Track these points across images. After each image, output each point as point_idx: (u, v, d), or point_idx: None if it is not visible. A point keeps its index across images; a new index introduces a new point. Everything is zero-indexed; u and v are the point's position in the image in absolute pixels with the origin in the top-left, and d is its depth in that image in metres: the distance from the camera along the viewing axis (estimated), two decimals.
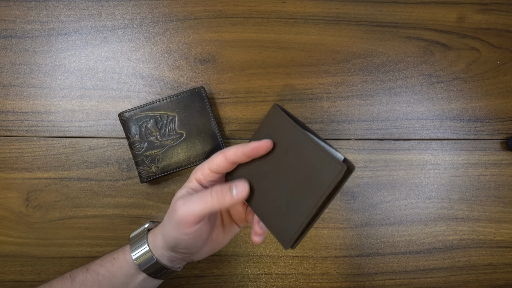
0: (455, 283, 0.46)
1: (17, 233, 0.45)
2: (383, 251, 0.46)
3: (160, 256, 0.35)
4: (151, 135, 0.44)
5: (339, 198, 0.46)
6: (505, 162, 0.47)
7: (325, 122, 0.47)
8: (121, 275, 0.35)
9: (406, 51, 0.47)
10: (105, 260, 0.36)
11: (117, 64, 0.46)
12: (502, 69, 0.48)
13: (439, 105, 0.47)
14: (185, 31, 0.47)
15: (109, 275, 0.35)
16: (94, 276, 0.35)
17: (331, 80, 0.47)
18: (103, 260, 0.37)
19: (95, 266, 0.36)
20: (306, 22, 0.47)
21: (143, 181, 0.44)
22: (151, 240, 0.36)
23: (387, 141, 0.47)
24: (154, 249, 0.35)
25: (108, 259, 0.36)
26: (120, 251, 0.37)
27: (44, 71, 0.46)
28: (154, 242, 0.36)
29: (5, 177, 0.45)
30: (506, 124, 0.47)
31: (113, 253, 0.37)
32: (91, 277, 0.35)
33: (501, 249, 0.47)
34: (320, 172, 0.29)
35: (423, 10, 0.48)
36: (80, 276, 0.35)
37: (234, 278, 0.45)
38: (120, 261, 0.36)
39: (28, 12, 0.46)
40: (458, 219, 0.47)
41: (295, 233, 0.30)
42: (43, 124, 0.46)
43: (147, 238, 0.36)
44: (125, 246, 0.37)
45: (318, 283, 0.46)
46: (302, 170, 0.30)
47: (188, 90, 0.44)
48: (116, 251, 0.37)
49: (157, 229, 0.37)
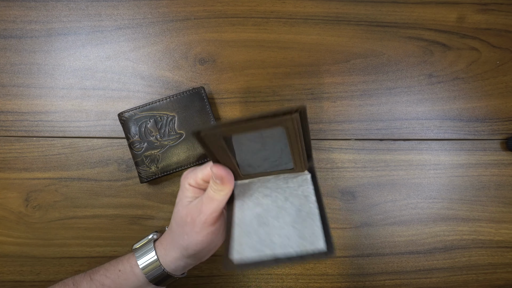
0: (455, 283, 0.46)
1: (17, 233, 0.45)
2: (383, 251, 0.46)
3: (174, 269, 0.35)
4: (151, 135, 0.43)
5: (339, 198, 0.46)
6: (505, 162, 0.47)
7: (325, 122, 0.47)
8: (128, 287, 0.35)
9: (406, 51, 0.47)
10: (109, 271, 0.36)
11: (117, 64, 0.46)
12: (502, 69, 0.48)
13: (439, 105, 0.47)
14: (185, 31, 0.47)
15: (114, 286, 0.35)
16: (99, 287, 0.35)
17: (331, 80, 0.47)
18: (107, 271, 0.36)
19: (99, 277, 0.35)
20: (306, 22, 0.47)
21: (143, 181, 0.44)
22: (161, 254, 0.35)
23: (387, 141, 0.47)
24: (165, 262, 0.35)
25: (112, 271, 0.36)
26: (126, 262, 0.36)
27: (44, 71, 0.46)
28: (165, 256, 0.35)
29: (5, 177, 0.45)
30: (506, 124, 0.47)
31: (118, 264, 0.36)
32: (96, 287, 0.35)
33: (501, 249, 0.47)
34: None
35: (423, 10, 0.48)
36: (84, 285, 0.35)
37: (234, 278, 0.45)
38: (126, 273, 0.35)
39: (28, 12, 0.46)
40: (458, 219, 0.47)
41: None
42: (43, 124, 0.46)
43: (156, 249, 0.36)
44: (129, 257, 0.36)
45: (318, 283, 0.46)
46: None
47: (188, 90, 0.44)
48: (121, 262, 0.36)
49: (166, 242, 0.36)
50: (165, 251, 0.35)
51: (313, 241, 0.25)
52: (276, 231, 0.27)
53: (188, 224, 0.32)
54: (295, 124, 0.24)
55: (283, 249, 0.25)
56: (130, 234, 0.45)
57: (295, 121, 0.24)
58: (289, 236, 0.26)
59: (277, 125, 0.24)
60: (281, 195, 0.30)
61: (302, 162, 0.29)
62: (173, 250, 0.35)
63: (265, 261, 0.25)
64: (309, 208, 0.28)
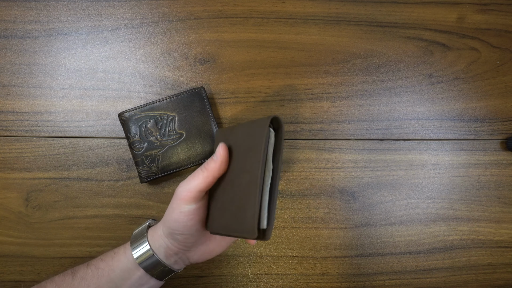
0: (455, 283, 0.46)
1: (17, 233, 0.45)
2: (383, 251, 0.46)
3: (158, 248, 0.36)
4: (151, 135, 0.43)
5: (339, 198, 0.46)
6: (505, 162, 0.47)
7: (325, 122, 0.47)
8: (119, 269, 0.36)
9: (406, 51, 0.47)
10: (106, 255, 0.37)
11: (117, 64, 0.46)
12: (502, 69, 0.48)
13: (439, 105, 0.47)
14: (185, 31, 0.47)
15: (108, 269, 0.36)
16: (94, 270, 0.36)
17: (331, 80, 0.47)
18: (104, 255, 0.37)
19: (95, 261, 0.37)
20: (306, 22, 0.47)
21: (143, 181, 0.44)
22: (150, 233, 0.37)
23: (387, 141, 0.47)
24: (153, 241, 0.36)
25: (109, 254, 0.37)
26: (121, 247, 0.38)
27: (44, 71, 0.46)
28: (153, 234, 0.37)
29: (5, 177, 0.45)
30: (506, 124, 0.47)
31: (115, 248, 0.38)
32: (91, 271, 0.36)
33: (501, 249, 0.47)
34: (243, 214, 0.30)
35: (423, 10, 0.48)
36: (81, 271, 0.36)
37: (234, 278, 0.45)
38: (119, 255, 0.36)
39: (28, 12, 0.46)
40: (458, 219, 0.47)
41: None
42: (43, 124, 0.46)
43: (147, 233, 0.37)
44: (127, 243, 0.38)
45: (318, 283, 0.46)
46: (241, 193, 0.31)
47: (188, 90, 0.44)
48: (118, 247, 0.38)
49: (158, 223, 0.38)
50: (154, 230, 0.37)
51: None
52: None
53: (170, 202, 0.35)
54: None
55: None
56: (130, 234, 0.45)
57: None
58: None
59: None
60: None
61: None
62: (159, 227, 0.37)
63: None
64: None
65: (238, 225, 0.30)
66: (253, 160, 0.30)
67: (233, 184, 0.32)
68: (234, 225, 0.31)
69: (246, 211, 0.30)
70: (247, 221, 0.29)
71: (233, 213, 0.31)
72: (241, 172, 0.32)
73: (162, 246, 0.36)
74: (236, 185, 0.32)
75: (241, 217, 0.30)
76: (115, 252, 0.37)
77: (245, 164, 0.32)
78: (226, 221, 0.32)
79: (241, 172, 0.32)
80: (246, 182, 0.30)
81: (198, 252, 0.38)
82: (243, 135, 0.34)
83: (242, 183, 0.31)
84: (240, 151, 0.33)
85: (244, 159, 0.32)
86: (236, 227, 0.31)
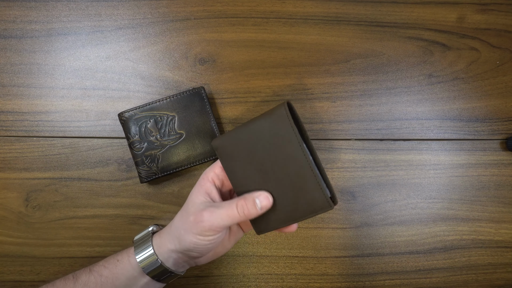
0: (455, 283, 0.46)
1: (17, 233, 0.45)
2: (383, 251, 0.46)
3: (166, 259, 0.35)
4: (151, 135, 0.43)
5: (339, 198, 0.46)
6: (505, 162, 0.47)
7: (325, 122, 0.47)
8: (124, 277, 0.35)
9: (406, 51, 0.47)
10: (108, 262, 0.36)
11: (117, 64, 0.46)
12: (502, 69, 0.48)
13: (439, 105, 0.47)
14: (185, 31, 0.47)
15: (112, 277, 0.35)
16: (97, 278, 0.35)
17: (331, 80, 0.47)
18: (106, 262, 0.36)
19: (98, 268, 0.36)
20: (306, 22, 0.47)
21: (143, 181, 0.44)
22: (157, 242, 0.36)
23: (387, 141, 0.47)
24: (159, 252, 0.35)
25: (111, 261, 0.36)
26: (124, 253, 0.37)
27: (44, 71, 0.46)
28: (160, 245, 0.36)
29: (5, 177, 0.45)
30: (506, 124, 0.47)
31: (117, 255, 0.37)
32: (94, 278, 0.35)
33: (501, 249, 0.47)
34: (310, 196, 0.33)
35: (423, 10, 0.48)
36: (83, 277, 0.35)
37: (234, 278, 0.45)
38: (123, 263, 0.36)
39: (28, 12, 0.46)
40: (458, 219, 0.47)
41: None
42: (43, 124, 0.46)
43: (152, 241, 0.36)
44: (129, 248, 0.37)
45: (318, 283, 0.46)
46: (293, 183, 0.33)
47: (188, 90, 0.44)
48: (120, 253, 0.37)
49: (164, 232, 0.37)
50: (160, 240, 0.36)
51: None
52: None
53: (189, 222, 0.33)
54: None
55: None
56: (130, 234, 0.45)
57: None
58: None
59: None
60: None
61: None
62: (168, 240, 0.36)
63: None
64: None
65: (309, 206, 0.33)
66: (291, 149, 0.33)
67: (277, 179, 0.34)
68: (303, 209, 0.33)
69: (313, 192, 0.33)
70: (317, 198, 0.33)
71: (295, 201, 0.33)
72: (280, 167, 0.33)
73: (172, 257, 0.35)
74: (281, 179, 0.33)
75: (309, 198, 0.33)
76: (118, 260, 0.36)
77: (278, 157, 0.33)
78: (289, 212, 0.34)
79: (281, 166, 0.33)
80: (294, 170, 0.33)
81: (207, 257, 0.38)
82: (259, 132, 0.34)
83: (289, 173, 0.33)
84: (260, 148, 0.34)
85: (275, 153, 0.33)
86: (307, 208, 0.33)
